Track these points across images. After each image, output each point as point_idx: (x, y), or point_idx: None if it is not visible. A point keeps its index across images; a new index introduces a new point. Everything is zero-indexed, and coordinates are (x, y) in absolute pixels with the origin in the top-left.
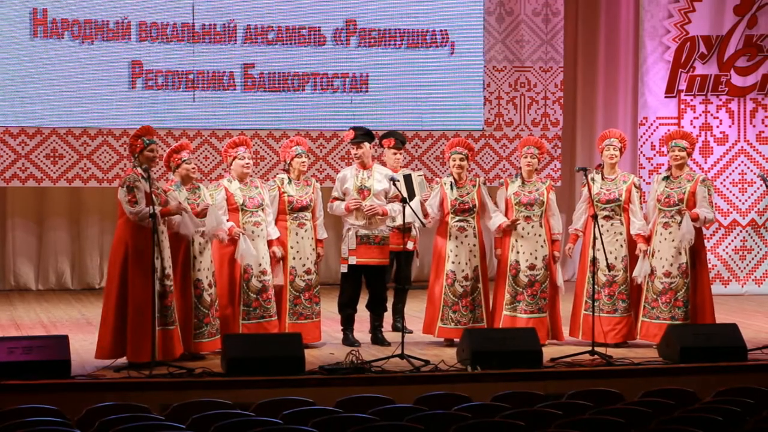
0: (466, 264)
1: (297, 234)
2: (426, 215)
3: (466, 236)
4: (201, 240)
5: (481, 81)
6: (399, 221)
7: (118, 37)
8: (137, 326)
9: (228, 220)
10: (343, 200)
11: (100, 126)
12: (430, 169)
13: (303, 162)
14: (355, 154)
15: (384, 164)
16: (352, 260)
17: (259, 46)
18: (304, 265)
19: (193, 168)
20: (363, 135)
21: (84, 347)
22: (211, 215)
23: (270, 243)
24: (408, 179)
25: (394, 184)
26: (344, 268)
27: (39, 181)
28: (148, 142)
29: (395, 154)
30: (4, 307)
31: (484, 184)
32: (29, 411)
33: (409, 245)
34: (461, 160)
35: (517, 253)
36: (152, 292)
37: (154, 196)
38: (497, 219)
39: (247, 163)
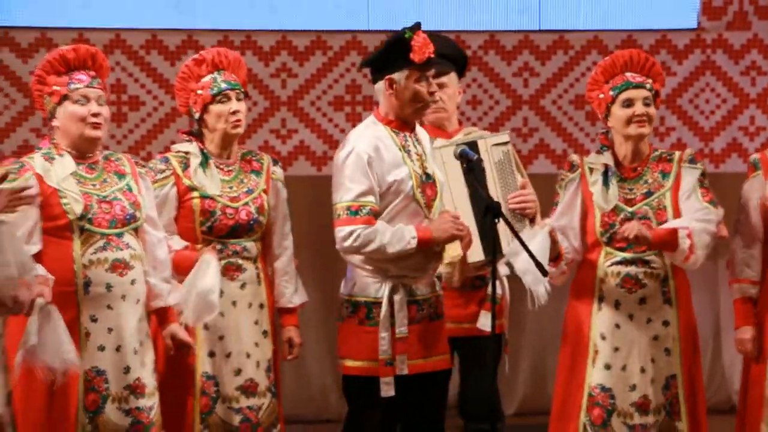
0: (642, 371)
1: (223, 294)
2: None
3: (643, 303)
4: None
5: None
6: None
7: None
8: None
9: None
10: (373, 216)
11: None
12: (563, 133)
13: (235, 113)
14: (424, 98)
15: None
16: (403, 365)
17: None
18: (238, 371)
19: None
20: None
21: None
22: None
23: (165, 318)
24: (472, 148)
25: (469, 169)
26: (387, 388)
27: None
28: None
29: (443, 89)
30: None
31: (694, 163)
32: None
33: (484, 321)
34: (646, 102)
35: None
36: None
37: None
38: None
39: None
